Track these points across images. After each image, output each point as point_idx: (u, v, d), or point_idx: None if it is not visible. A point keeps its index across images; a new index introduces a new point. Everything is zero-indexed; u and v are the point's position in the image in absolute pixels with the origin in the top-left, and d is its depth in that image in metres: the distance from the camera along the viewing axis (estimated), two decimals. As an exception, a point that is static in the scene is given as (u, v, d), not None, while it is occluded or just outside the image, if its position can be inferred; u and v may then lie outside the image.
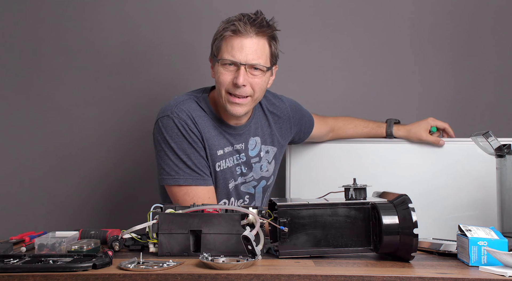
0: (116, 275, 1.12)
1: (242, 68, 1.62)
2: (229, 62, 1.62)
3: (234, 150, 1.75)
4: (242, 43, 1.61)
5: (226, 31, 1.62)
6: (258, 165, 1.80)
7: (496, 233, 1.27)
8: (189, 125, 1.66)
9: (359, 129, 2.03)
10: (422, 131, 1.97)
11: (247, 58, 1.62)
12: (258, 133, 1.80)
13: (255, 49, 1.63)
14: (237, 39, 1.61)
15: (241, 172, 1.77)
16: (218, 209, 1.39)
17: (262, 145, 1.81)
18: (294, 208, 1.32)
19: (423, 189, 1.97)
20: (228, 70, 1.63)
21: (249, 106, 1.68)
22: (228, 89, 1.64)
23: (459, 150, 1.99)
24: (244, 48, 1.61)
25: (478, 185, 1.95)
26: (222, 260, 1.22)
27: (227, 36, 1.62)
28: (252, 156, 1.79)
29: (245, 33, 1.61)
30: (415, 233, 1.24)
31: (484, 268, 1.19)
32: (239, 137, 1.76)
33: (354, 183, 1.38)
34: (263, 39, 1.65)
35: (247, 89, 1.64)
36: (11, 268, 1.14)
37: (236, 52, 1.61)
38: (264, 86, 1.70)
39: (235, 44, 1.62)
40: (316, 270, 1.17)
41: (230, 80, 1.63)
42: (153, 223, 1.35)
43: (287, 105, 1.88)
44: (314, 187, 1.95)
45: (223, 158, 1.73)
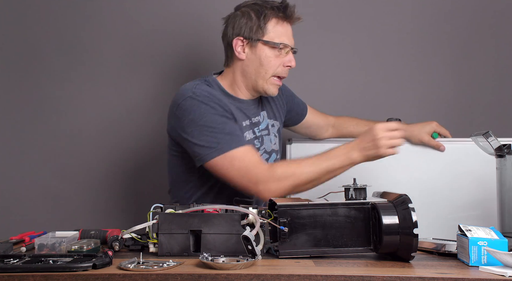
0: (116, 275, 1.12)
1: (291, 52, 1.72)
2: (287, 48, 1.70)
3: (252, 123, 1.78)
4: (288, 27, 1.72)
5: (277, 13, 1.69)
6: (268, 138, 1.83)
7: (496, 233, 1.27)
8: (214, 98, 1.66)
9: (360, 127, 2.04)
10: (424, 134, 1.98)
11: (292, 43, 1.73)
12: (265, 108, 1.86)
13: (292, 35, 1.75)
14: (287, 24, 1.71)
15: (258, 147, 1.79)
16: (218, 209, 1.39)
17: (268, 119, 1.85)
18: (294, 208, 1.32)
19: (423, 189, 1.97)
20: (280, 53, 1.70)
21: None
22: (278, 72, 1.71)
23: (459, 150, 1.99)
24: (289, 32, 1.73)
25: (478, 185, 1.96)
26: (222, 260, 1.22)
27: (279, 20, 1.70)
28: (262, 129, 1.82)
29: (292, 19, 1.72)
30: (415, 233, 1.24)
31: (484, 268, 1.19)
32: (253, 111, 1.80)
33: (354, 183, 1.38)
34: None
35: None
36: (11, 268, 1.14)
37: (287, 37, 1.71)
38: None
39: (288, 29, 1.72)
40: (316, 270, 1.17)
41: (279, 63, 1.70)
42: (153, 223, 1.35)
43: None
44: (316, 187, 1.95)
45: (247, 130, 1.75)
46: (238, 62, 1.74)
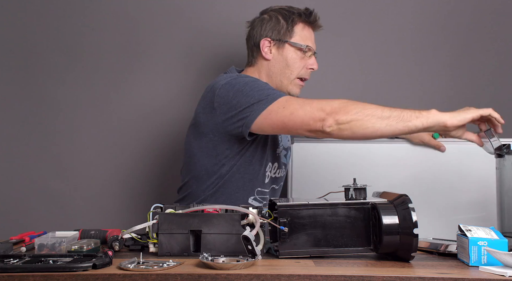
0: (116, 275, 1.12)
1: (314, 56, 1.83)
2: (309, 50, 1.80)
3: None
4: (311, 32, 1.84)
5: (305, 18, 1.81)
6: (286, 136, 1.91)
7: (496, 233, 1.27)
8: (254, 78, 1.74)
9: None
10: (425, 134, 1.99)
11: (315, 48, 1.85)
12: None
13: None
14: (311, 29, 1.84)
15: (279, 141, 1.87)
16: (218, 209, 1.39)
17: None
18: (294, 208, 1.32)
19: (423, 189, 1.97)
20: (304, 56, 1.80)
21: None
22: (302, 75, 1.82)
23: (459, 150, 2.00)
24: (313, 37, 1.85)
25: (479, 185, 1.96)
26: (222, 260, 1.22)
27: (305, 24, 1.81)
28: None
29: (316, 26, 1.85)
30: (415, 233, 1.24)
31: (484, 268, 1.19)
32: None
33: (354, 183, 1.38)
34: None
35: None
36: (11, 268, 1.14)
37: (314, 42, 1.84)
38: None
39: (312, 34, 1.84)
40: (316, 270, 1.17)
41: (303, 65, 1.81)
42: (153, 223, 1.35)
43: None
44: (316, 187, 1.96)
45: None
46: (264, 62, 1.82)
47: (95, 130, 2.30)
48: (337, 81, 2.32)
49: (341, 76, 2.33)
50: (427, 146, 2.00)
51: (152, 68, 2.31)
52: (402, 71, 2.33)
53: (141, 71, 2.31)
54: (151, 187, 2.28)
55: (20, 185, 2.29)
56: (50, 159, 2.30)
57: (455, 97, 2.32)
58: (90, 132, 2.30)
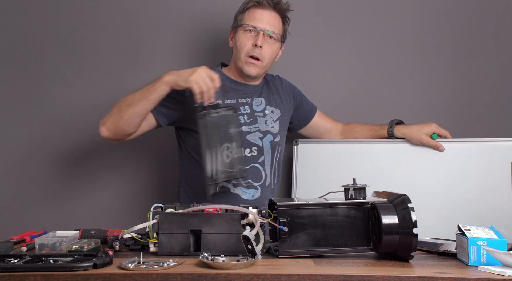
0: (117, 275, 1.12)
1: (261, 33, 1.87)
2: (251, 28, 1.88)
3: (238, 102, 1.93)
4: (262, 14, 1.90)
5: (250, 2, 1.90)
6: (263, 119, 1.95)
7: (495, 232, 1.27)
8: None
9: (363, 132, 2.11)
10: (423, 135, 1.99)
11: (265, 26, 1.89)
12: (265, 95, 2.00)
13: (272, 21, 1.91)
14: (258, 10, 1.90)
15: (244, 121, 1.91)
16: (218, 209, 1.40)
17: (268, 105, 1.99)
18: (294, 207, 1.33)
19: (423, 189, 1.97)
20: (249, 36, 1.88)
21: (260, 69, 1.91)
22: (248, 52, 1.88)
23: (459, 150, 2.00)
24: (263, 18, 1.89)
25: (478, 185, 1.96)
26: (222, 259, 1.23)
27: (250, 7, 1.90)
28: (257, 111, 1.96)
29: (266, 5, 1.89)
30: (414, 233, 1.24)
31: (483, 267, 1.20)
32: (245, 94, 1.96)
33: (354, 183, 1.39)
34: (279, 15, 1.93)
35: (263, 52, 1.88)
36: (11, 268, 1.14)
37: (257, 21, 1.89)
38: (274, 56, 1.94)
39: (257, 14, 1.89)
40: (316, 269, 1.18)
41: (250, 43, 1.87)
42: (154, 223, 1.35)
43: (282, 81, 2.11)
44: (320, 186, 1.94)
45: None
46: (232, 51, 1.97)
47: (95, 130, 2.29)
48: (337, 81, 2.32)
49: (341, 76, 2.32)
50: (427, 146, 2.00)
51: (152, 67, 2.30)
52: (402, 71, 2.32)
53: (141, 70, 2.30)
54: (151, 187, 2.28)
55: (20, 185, 2.29)
56: (50, 159, 2.29)
57: (455, 97, 2.31)
58: (90, 132, 2.29)
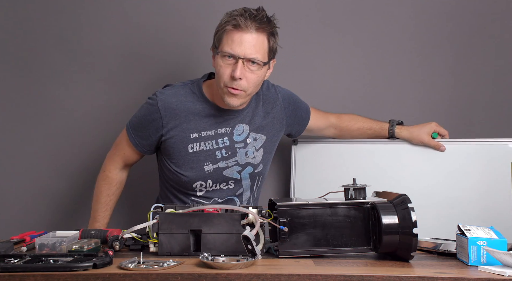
0: (117, 275, 1.12)
1: (239, 62, 1.67)
2: (228, 55, 1.67)
3: (215, 134, 1.80)
4: (241, 37, 1.66)
5: (227, 24, 1.68)
6: (243, 151, 1.83)
7: (495, 232, 1.27)
8: (157, 105, 1.78)
9: (363, 131, 2.06)
10: (424, 135, 1.99)
11: (245, 52, 1.67)
12: (249, 121, 1.84)
13: (254, 44, 1.68)
14: (237, 33, 1.67)
15: (221, 156, 1.80)
16: (218, 209, 1.40)
17: (251, 132, 1.84)
18: (294, 208, 1.33)
19: (423, 189, 1.97)
20: (227, 63, 1.68)
21: (243, 99, 1.74)
22: (226, 82, 1.69)
23: (458, 150, 2.00)
24: (243, 42, 1.66)
25: (478, 185, 1.96)
26: (222, 259, 1.23)
27: (228, 30, 1.68)
28: (237, 141, 1.83)
29: (246, 28, 1.66)
30: (414, 233, 1.24)
31: (483, 267, 1.20)
32: (226, 122, 1.81)
33: (354, 183, 1.39)
34: (263, 35, 1.69)
35: (242, 83, 1.69)
36: (11, 268, 1.14)
37: (235, 46, 1.66)
38: (259, 81, 1.75)
39: (235, 38, 1.67)
40: (316, 269, 1.18)
41: (229, 73, 1.68)
42: (154, 223, 1.35)
43: (279, 96, 1.91)
44: (318, 186, 1.94)
45: (197, 141, 1.78)
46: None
47: (95, 130, 2.30)
48: (337, 81, 2.32)
49: (341, 76, 2.32)
50: (427, 147, 2.00)
51: (153, 69, 2.30)
52: (402, 71, 2.32)
53: (142, 71, 2.31)
54: (151, 187, 2.28)
55: (20, 185, 2.29)
56: (50, 159, 2.29)
57: (455, 97, 2.31)
58: (91, 132, 2.30)
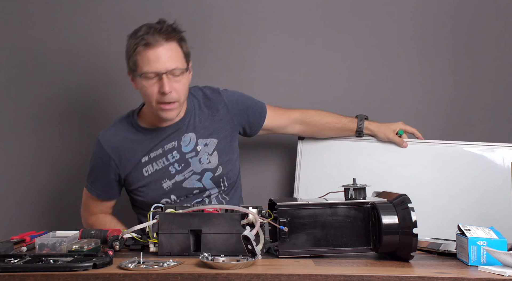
0: (117, 275, 1.12)
1: (164, 77, 1.69)
2: (151, 75, 1.70)
3: (165, 151, 1.82)
4: (156, 53, 1.69)
5: (138, 45, 1.70)
6: (196, 159, 1.83)
7: (495, 232, 1.27)
8: (104, 150, 1.84)
9: (331, 124, 2.04)
10: (390, 131, 2.02)
11: (166, 66, 1.69)
12: (193, 128, 1.85)
13: (170, 55, 1.71)
14: (150, 50, 1.69)
15: (176, 170, 1.82)
16: (218, 209, 1.40)
17: (199, 139, 1.85)
18: (294, 208, 1.33)
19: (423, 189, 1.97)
20: (151, 82, 1.71)
21: (178, 108, 1.77)
22: (157, 99, 1.72)
23: (459, 151, 2.00)
24: (160, 57, 1.69)
25: (478, 185, 1.96)
26: (222, 259, 1.23)
27: (141, 50, 1.69)
28: (187, 152, 1.84)
29: (156, 43, 1.69)
30: (414, 233, 1.24)
31: (483, 267, 1.20)
32: (168, 138, 1.83)
33: (354, 183, 1.38)
34: (173, 43, 1.73)
35: (173, 95, 1.72)
36: (11, 268, 1.14)
37: (154, 63, 1.69)
38: (187, 86, 1.78)
39: (150, 56, 1.69)
40: (315, 269, 1.18)
41: (157, 90, 1.71)
42: (154, 223, 1.36)
43: (223, 98, 1.92)
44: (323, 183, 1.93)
45: (149, 163, 1.82)
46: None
47: (95, 130, 2.29)
48: (337, 81, 2.32)
49: (341, 76, 2.32)
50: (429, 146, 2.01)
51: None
52: (403, 73, 2.32)
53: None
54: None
55: (20, 185, 2.29)
56: (50, 159, 2.30)
57: (455, 98, 2.31)
58: (91, 132, 2.30)
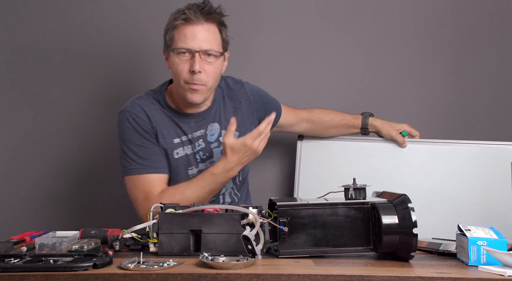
0: (117, 275, 1.12)
1: (197, 55, 1.66)
2: (184, 51, 1.67)
3: (191, 138, 1.80)
4: (194, 30, 1.67)
5: (177, 20, 1.67)
6: (219, 150, 1.83)
7: (495, 232, 1.27)
8: (139, 117, 1.74)
9: (336, 121, 2.05)
10: (393, 130, 2.02)
11: (200, 45, 1.67)
12: (218, 119, 1.84)
13: (207, 36, 1.68)
14: (188, 27, 1.67)
15: (200, 159, 1.81)
16: (218, 209, 1.40)
17: (223, 130, 1.84)
18: (294, 208, 1.33)
19: (423, 189, 1.97)
20: (183, 59, 1.68)
21: (205, 93, 1.73)
22: (186, 78, 1.69)
23: (459, 151, 2.00)
24: (196, 35, 1.67)
25: (478, 185, 1.96)
26: (222, 259, 1.23)
27: (179, 25, 1.67)
28: (211, 142, 1.83)
29: (196, 20, 1.66)
30: (414, 233, 1.24)
31: (483, 267, 1.20)
32: (197, 125, 1.81)
33: (353, 183, 1.38)
34: (213, 25, 1.70)
35: (202, 76, 1.68)
36: (11, 268, 1.14)
37: (189, 40, 1.66)
38: (218, 73, 1.75)
39: (187, 32, 1.67)
40: (316, 269, 1.18)
41: (187, 69, 1.68)
42: (154, 223, 1.35)
43: (247, 90, 1.91)
44: (323, 183, 1.94)
45: (180, 146, 1.78)
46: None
47: (95, 130, 2.30)
48: (337, 81, 2.32)
49: (341, 76, 2.32)
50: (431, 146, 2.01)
51: (152, 69, 2.31)
52: (403, 72, 2.32)
53: (141, 71, 2.31)
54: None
55: (20, 185, 2.29)
56: (50, 159, 2.30)
57: (455, 98, 2.31)
58: (91, 132, 2.30)
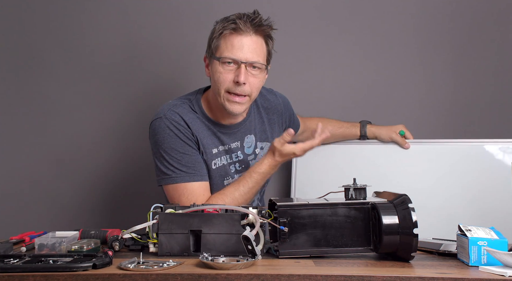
0: (116, 275, 1.12)
1: (242, 66, 1.63)
2: (230, 61, 1.64)
3: (228, 149, 1.77)
4: (242, 41, 1.64)
5: (226, 29, 1.64)
6: (254, 162, 1.81)
7: (496, 233, 1.27)
8: (181, 124, 1.69)
9: (334, 129, 2.03)
10: (392, 132, 2.02)
11: (247, 56, 1.64)
12: (253, 130, 1.83)
13: (254, 48, 1.65)
14: (237, 37, 1.64)
15: (235, 170, 1.80)
16: (218, 209, 1.39)
17: (258, 142, 1.83)
18: (294, 208, 1.32)
19: (423, 189, 1.97)
20: (228, 69, 1.65)
21: (246, 105, 1.70)
22: (229, 88, 1.65)
23: (459, 151, 2.00)
24: (244, 46, 1.64)
25: (478, 185, 1.96)
26: (222, 260, 1.23)
27: (227, 34, 1.64)
28: (249, 154, 1.82)
29: (245, 31, 1.63)
30: (415, 233, 1.24)
31: (484, 268, 1.19)
32: (233, 136, 1.78)
33: (354, 183, 1.38)
34: (261, 37, 1.67)
35: (246, 87, 1.66)
36: (11, 268, 1.14)
37: (236, 50, 1.63)
38: (260, 85, 1.72)
39: (235, 43, 1.63)
40: (316, 270, 1.18)
41: (231, 79, 1.64)
42: (153, 223, 1.35)
43: (280, 101, 1.90)
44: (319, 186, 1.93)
45: (218, 156, 1.76)
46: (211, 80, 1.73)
47: (95, 130, 2.30)
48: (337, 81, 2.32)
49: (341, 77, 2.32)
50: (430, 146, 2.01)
51: (153, 69, 2.30)
52: (403, 72, 2.32)
53: (141, 71, 2.30)
54: (151, 187, 2.28)
55: (20, 185, 2.29)
56: (50, 159, 2.29)
57: (455, 97, 2.31)
58: (91, 132, 2.30)
